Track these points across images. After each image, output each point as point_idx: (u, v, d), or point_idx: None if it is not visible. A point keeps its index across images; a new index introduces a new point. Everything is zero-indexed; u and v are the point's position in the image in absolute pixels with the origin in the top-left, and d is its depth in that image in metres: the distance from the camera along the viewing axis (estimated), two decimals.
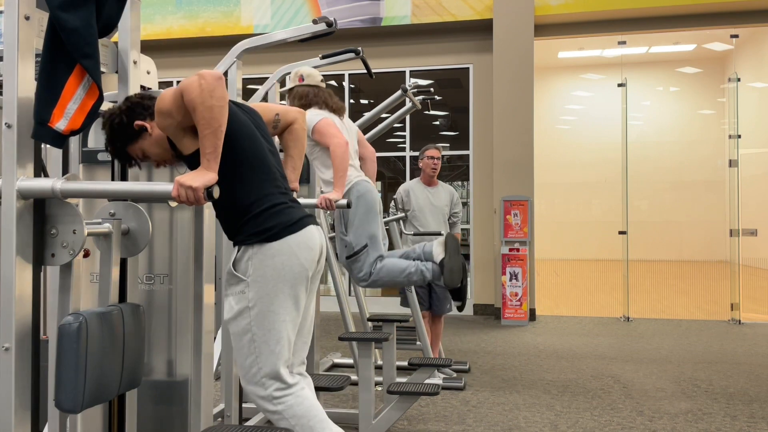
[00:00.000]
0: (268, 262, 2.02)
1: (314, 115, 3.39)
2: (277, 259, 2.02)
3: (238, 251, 2.07)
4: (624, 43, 8.15)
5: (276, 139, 2.47)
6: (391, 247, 4.81)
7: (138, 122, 1.99)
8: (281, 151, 2.47)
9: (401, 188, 5.08)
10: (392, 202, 5.02)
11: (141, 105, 2.02)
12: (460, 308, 3.59)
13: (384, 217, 4.68)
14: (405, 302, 4.84)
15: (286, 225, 2.05)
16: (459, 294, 3.45)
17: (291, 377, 2.08)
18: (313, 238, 2.12)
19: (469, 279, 8.12)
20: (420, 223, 5.00)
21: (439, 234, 5.11)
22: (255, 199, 2.04)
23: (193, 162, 2.05)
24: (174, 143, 2.01)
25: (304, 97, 3.50)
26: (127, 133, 2.00)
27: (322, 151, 3.43)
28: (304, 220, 2.11)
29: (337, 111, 3.56)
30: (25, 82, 1.64)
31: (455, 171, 9.21)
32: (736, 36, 8.13)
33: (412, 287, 4.66)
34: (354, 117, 7.99)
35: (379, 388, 4.09)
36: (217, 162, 1.85)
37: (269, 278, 2.02)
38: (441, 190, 5.15)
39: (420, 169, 5.13)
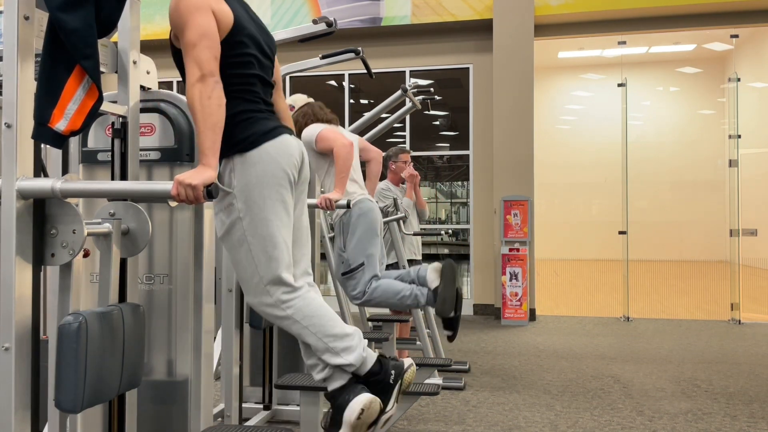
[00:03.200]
0: (251, 171, 2.05)
1: (314, 128, 3.45)
2: (258, 166, 2.05)
3: (220, 165, 2.09)
4: (624, 43, 8.15)
5: None
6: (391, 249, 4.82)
7: None
8: None
9: (383, 189, 5.02)
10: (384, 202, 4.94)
11: None
12: (450, 338, 3.38)
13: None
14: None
15: (261, 133, 2.09)
16: (451, 324, 3.32)
17: (295, 281, 2.10)
18: (291, 145, 2.15)
19: (468, 279, 8.13)
20: (408, 223, 5.00)
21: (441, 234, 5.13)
22: (232, 113, 2.06)
23: (179, 62, 2.09)
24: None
25: (297, 123, 3.56)
26: None
27: (330, 166, 3.47)
28: (279, 129, 2.15)
29: (332, 123, 3.62)
30: (25, 82, 1.64)
31: (455, 171, 9.22)
32: (736, 36, 8.13)
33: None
34: (354, 117, 8.02)
35: None
36: (216, 158, 1.86)
37: (254, 186, 2.05)
38: (403, 191, 5.20)
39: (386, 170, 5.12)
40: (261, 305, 2.08)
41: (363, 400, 2.02)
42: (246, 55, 2.11)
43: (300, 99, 3.74)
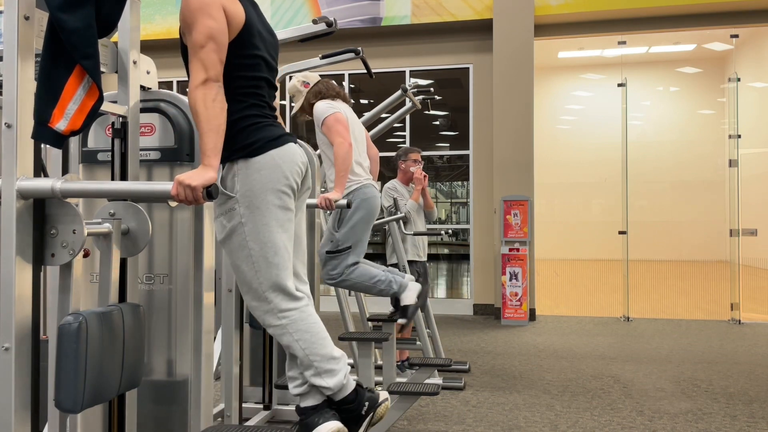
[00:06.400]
0: (255, 176, 2.05)
1: (326, 107, 3.46)
2: (263, 172, 2.05)
3: (223, 169, 2.09)
4: (624, 43, 8.15)
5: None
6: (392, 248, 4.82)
7: None
8: None
9: (390, 190, 5.04)
10: (389, 201, 4.95)
11: None
12: (402, 327, 3.67)
13: (381, 217, 4.68)
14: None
15: (268, 140, 2.09)
16: (405, 311, 3.52)
17: (296, 291, 2.10)
18: (296, 153, 2.15)
19: (469, 279, 8.13)
20: (410, 224, 4.99)
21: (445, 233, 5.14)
22: (238, 117, 2.06)
23: (185, 54, 2.06)
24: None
25: (319, 94, 3.58)
26: None
27: (329, 147, 3.48)
28: (285, 137, 2.15)
29: (345, 99, 3.64)
30: (25, 82, 1.64)
31: (455, 171, 9.22)
32: (736, 36, 8.13)
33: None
34: None
35: (379, 388, 4.09)
36: (217, 160, 1.87)
37: (257, 192, 2.04)
38: (411, 191, 5.20)
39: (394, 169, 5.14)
40: (258, 310, 2.09)
41: (331, 427, 2.03)
42: (255, 57, 2.11)
43: (313, 76, 3.74)
